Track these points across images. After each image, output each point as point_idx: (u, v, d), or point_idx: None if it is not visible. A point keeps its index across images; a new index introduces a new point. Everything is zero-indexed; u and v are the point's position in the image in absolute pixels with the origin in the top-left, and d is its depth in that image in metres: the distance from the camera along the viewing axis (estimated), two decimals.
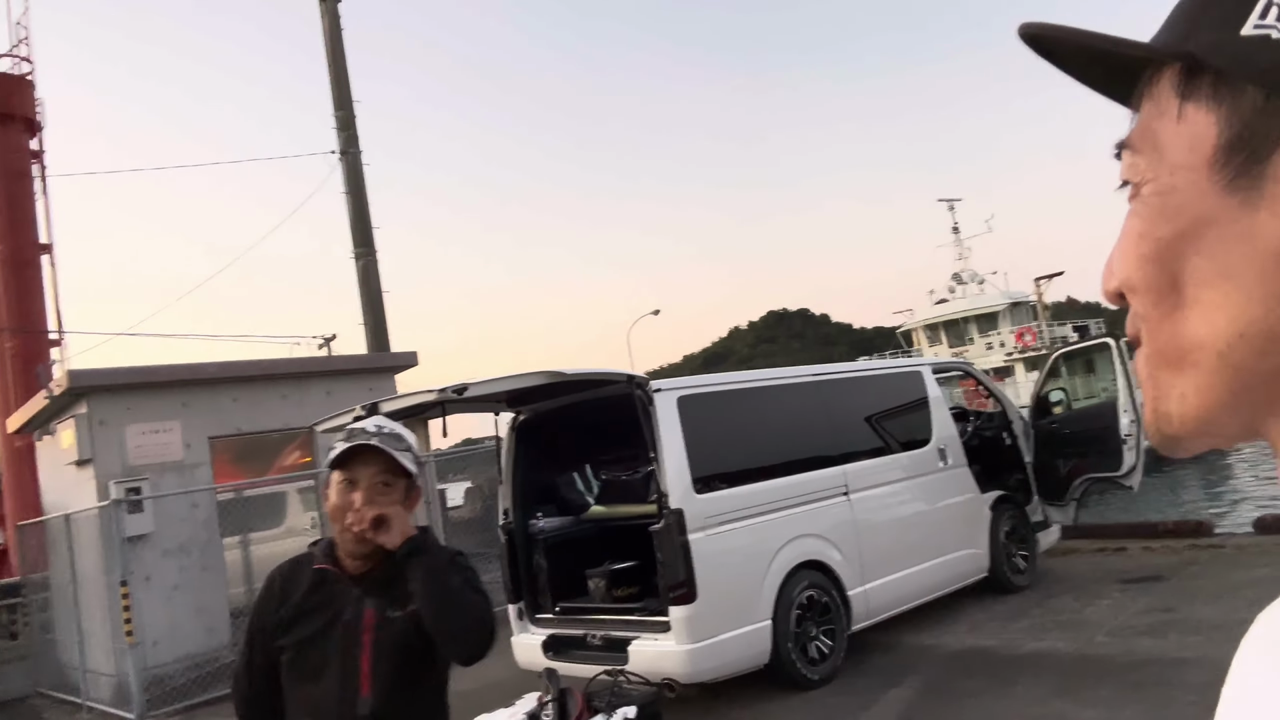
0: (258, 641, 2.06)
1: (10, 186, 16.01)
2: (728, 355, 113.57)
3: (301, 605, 2.00)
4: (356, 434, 1.99)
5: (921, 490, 7.11)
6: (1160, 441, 0.47)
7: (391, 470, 1.97)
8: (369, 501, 1.94)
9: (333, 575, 2.02)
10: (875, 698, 5.61)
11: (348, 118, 13.66)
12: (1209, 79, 0.42)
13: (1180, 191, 0.43)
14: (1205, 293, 0.42)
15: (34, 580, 11.09)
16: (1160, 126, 0.44)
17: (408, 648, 1.96)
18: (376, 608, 1.97)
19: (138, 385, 9.19)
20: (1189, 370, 0.44)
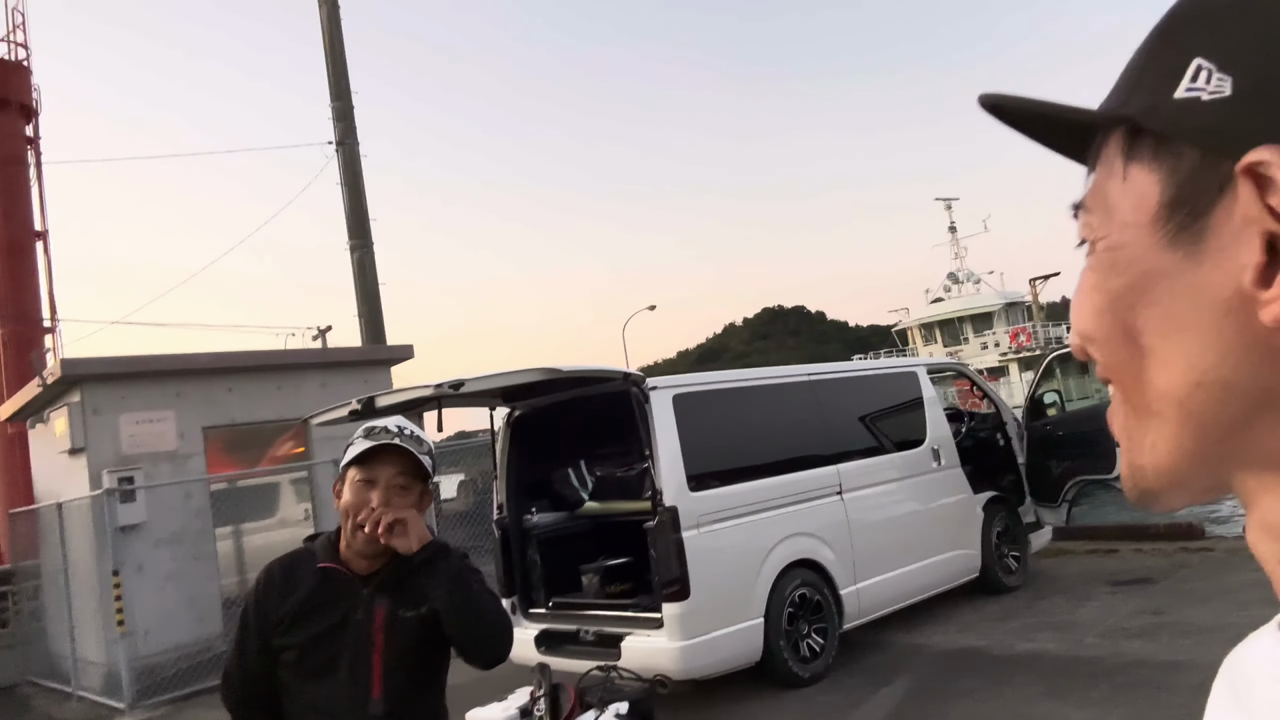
0: (253, 639, 2.01)
1: (5, 172, 15.94)
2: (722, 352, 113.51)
3: (305, 604, 1.96)
4: (379, 433, 1.96)
5: (915, 490, 7.13)
6: (1138, 496, 0.47)
7: (411, 472, 1.96)
8: (386, 502, 1.91)
9: (338, 574, 1.98)
10: (865, 696, 5.64)
11: (345, 108, 13.61)
12: (1149, 141, 0.44)
13: (1128, 247, 0.45)
14: (1160, 343, 0.44)
15: (25, 568, 11.08)
16: (1110, 186, 0.46)
17: (420, 648, 1.95)
18: (388, 608, 1.94)
19: (132, 374, 9.17)
20: (1154, 420, 0.45)
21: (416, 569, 1.95)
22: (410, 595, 1.96)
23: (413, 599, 1.95)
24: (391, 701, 1.90)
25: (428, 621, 1.95)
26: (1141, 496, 0.47)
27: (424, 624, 1.95)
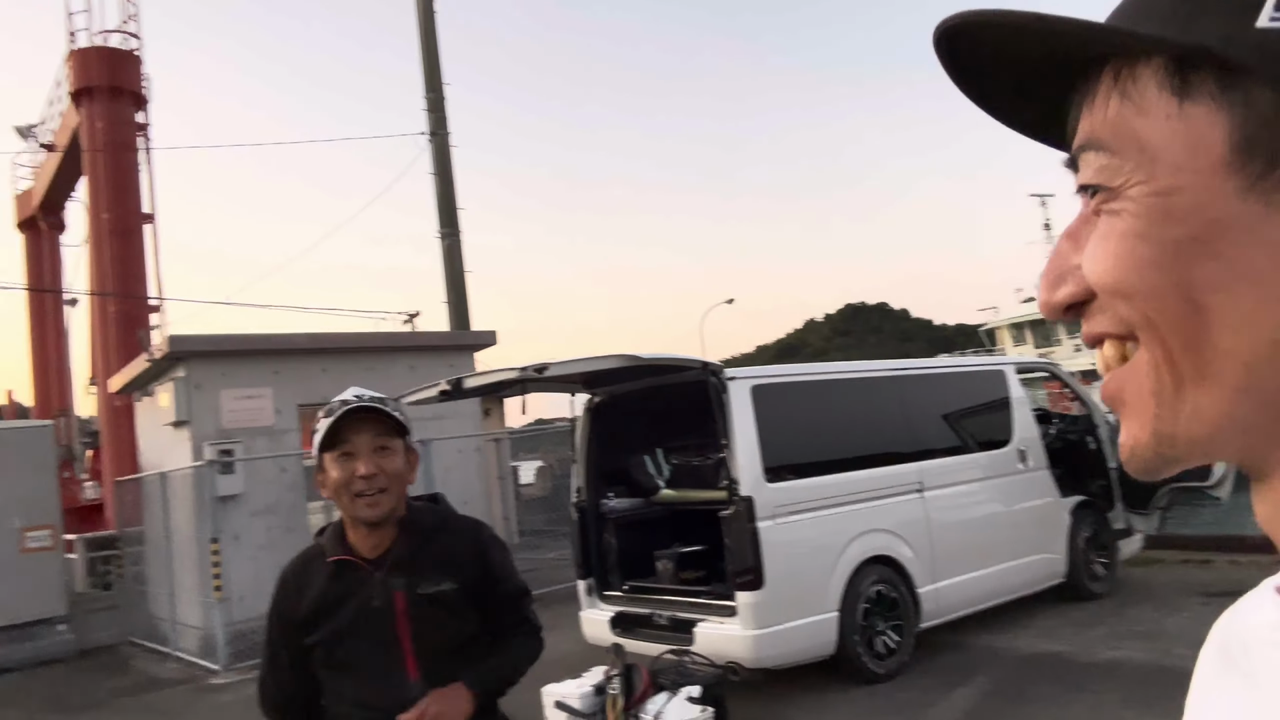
0: (280, 642, 1.99)
1: (117, 158, 16.66)
2: (801, 348, 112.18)
3: (322, 599, 1.92)
4: (338, 406, 1.88)
5: (999, 491, 6.99)
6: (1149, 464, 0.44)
7: (387, 431, 1.89)
8: (373, 467, 1.85)
9: (349, 564, 1.92)
10: (940, 696, 5.58)
11: (438, 100, 13.95)
12: (1211, 74, 0.39)
13: (1187, 193, 0.40)
14: (1226, 299, 0.39)
15: (129, 534, 11.67)
16: (1144, 125, 0.41)
17: (449, 622, 1.91)
18: (405, 589, 1.89)
19: (233, 352, 9.60)
20: (1205, 385, 0.41)
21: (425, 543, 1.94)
22: (425, 572, 1.91)
23: (429, 575, 1.91)
24: (430, 680, 1.87)
25: (453, 595, 1.91)
26: (1156, 465, 0.44)
27: (446, 598, 1.91)
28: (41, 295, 23.18)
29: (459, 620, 1.93)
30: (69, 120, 18.32)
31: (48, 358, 23.72)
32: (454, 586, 1.91)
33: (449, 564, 1.93)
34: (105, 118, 16.54)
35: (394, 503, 1.90)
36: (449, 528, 2.02)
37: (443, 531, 1.99)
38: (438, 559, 1.92)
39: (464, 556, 1.97)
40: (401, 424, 1.92)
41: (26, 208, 23.61)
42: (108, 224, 16.41)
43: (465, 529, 2.05)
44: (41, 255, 23.87)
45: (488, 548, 2.02)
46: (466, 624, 1.94)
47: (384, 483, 1.86)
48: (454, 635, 1.92)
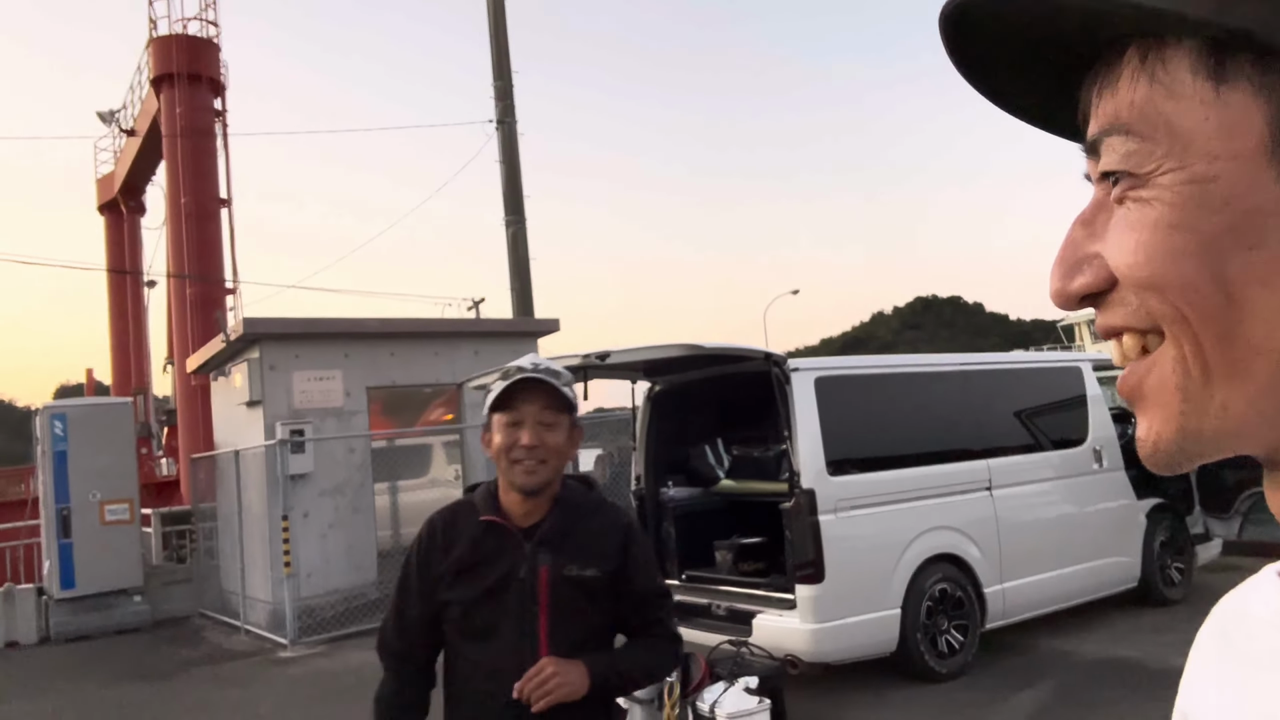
0: (414, 593, 1.97)
1: (195, 143, 17.16)
2: (869, 340, 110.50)
3: (467, 559, 1.91)
4: (514, 372, 1.91)
5: (1071, 491, 6.80)
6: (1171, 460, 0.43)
7: (555, 406, 1.90)
8: (536, 439, 1.87)
9: (500, 528, 1.92)
10: (1004, 697, 5.45)
11: (506, 87, 14.03)
12: (1248, 59, 0.38)
13: (1224, 181, 0.39)
14: (1263, 293, 0.38)
15: (202, 509, 12.04)
16: (1176, 110, 0.40)
17: (588, 608, 1.90)
18: (551, 565, 1.88)
19: (306, 335, 9.82)
20: (1236, 380, 0.39)
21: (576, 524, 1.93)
22: (575, 552, 1.91)
23: (578, 556, 1.90)
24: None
25: (595, 582, 1.90)
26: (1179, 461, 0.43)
27: (590, 584, 1.90)
28: (122, 277, 24.05)
29: (596, 609, 1.91)
30: (149, 106, 18.92)
31: (127, 337, 24.61)
32: (597, 574, 1.90)
33: (595, 550, 1.92)
34: (184, 104, 17.03)
35: (551, 475, 1.91)
36: (600, 514, 2.00)
37: (594, 516, 1.98)
38: (586, 543, 1.92)
39: (610, 546, 1.95)
40: (569, 400, 1.93)
41: (108, 191, 24.48)
42: (186, 208, 16.91)
43: (615, 518, 2.03)
44: (122, 237, 24.74)
45: (632, 541, 1.99)
46: (602, 615, 1.93)
47: (544, 455, 1.88)
48: (589, 623, 1.91)
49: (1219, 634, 0.49)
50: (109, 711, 6.94)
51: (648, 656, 2.00)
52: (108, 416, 10.92)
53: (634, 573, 1.97)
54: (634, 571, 1.97)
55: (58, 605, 10.12)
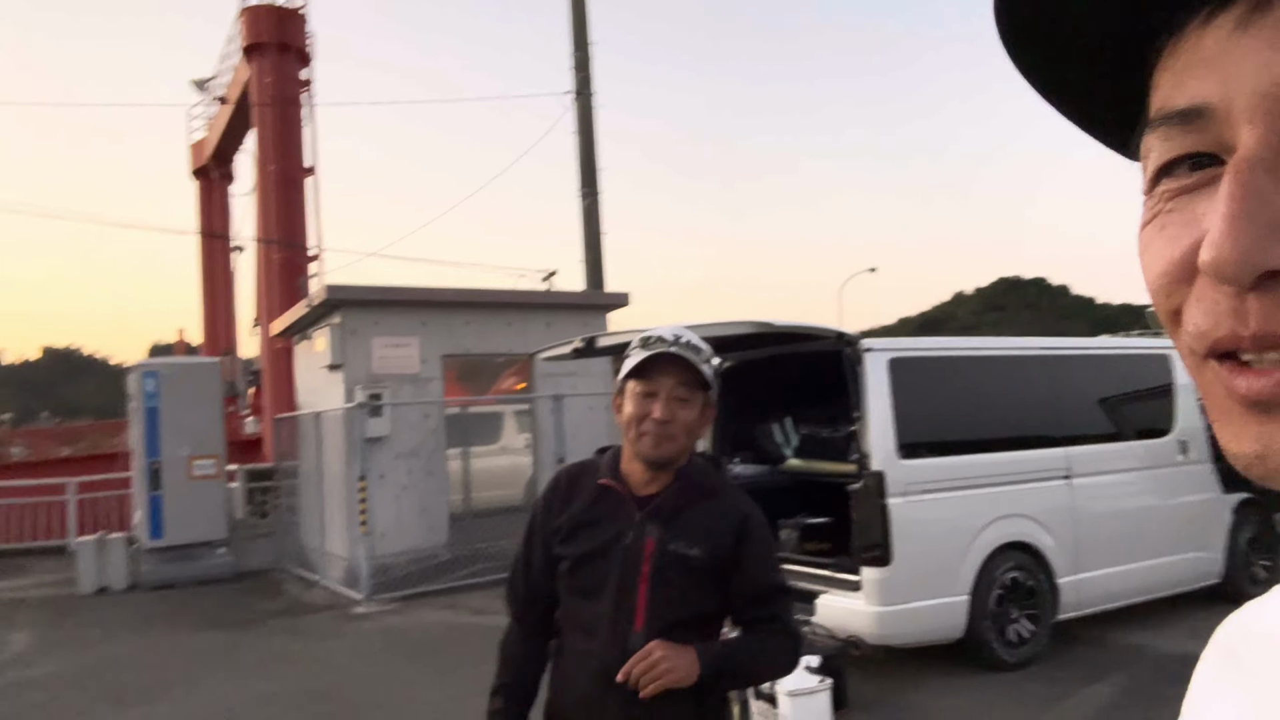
0: (538, 543, 1.99)
1: (283, 112, 17.61)
2: (947, 321, 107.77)
3: (582, 517, 1.92)
4: (655, 342, 1.86)
5: (1154, 483, 6.58)
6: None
7: (692, 383, 1.86)
8: (669, 414, 1.84)
9: (616, 492, 1.91)
10: (1073, 690, 5.34)
11: (584, 59, 14.02)
12: None
13: None
14: None
15: (284, 468, 12.48)
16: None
17: (690, 590, 1.85)
18: (659, 538, 1.85)
19: (385, 302, 10.06)
20: None
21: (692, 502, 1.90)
22: (685, 529, 1.87)
23: (687, 534, 1.86)
24: (653, 637, 1.80)
25: (700, 562, 1.85)
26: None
27: (696, 563, 1.85)
28: (211, 241, 24.91)
29: (698, 591, 1.86)
30: (240, 75, 19.45)
31: (216, 300, 25.52)
32: (702, 554, 1.85)
33: (707, 531, 1.88)
34: (272, 73, 17.47)
35: (677, 451, 1.88)
36: (719, 496, 1.95)
37: (712, 498, 1.93)
38: (697, 523, 1.88)
39: (722, 529, 1.89)
40: (706, 379, 1.89)
41: (200, 157, 25.32)
42: (273, 175, 17.39)
43: (734, 505, 1.95)
44: (212, 203, 25.61)
45: (749, 531, 1.91)
46: (705, 598, 1.87)
47: (674, 431, 1.86)
48: (689, 603, 1.85)
49: (1226, 651, 0.47)
50: (191, 657, 7.30)
51: (765, 653, 1.93)
52: (197, 375, 11.38)
53: (747, 564, 1.90)
54: (747, 562, 1.90)
55: (146, 554, 10.65)
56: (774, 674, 1.96)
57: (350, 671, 6.63)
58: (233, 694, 6.15)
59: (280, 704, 5.89)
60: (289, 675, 6.60)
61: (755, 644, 1.92)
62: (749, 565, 1.90)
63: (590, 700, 1.85)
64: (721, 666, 1.83)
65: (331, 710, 5.71)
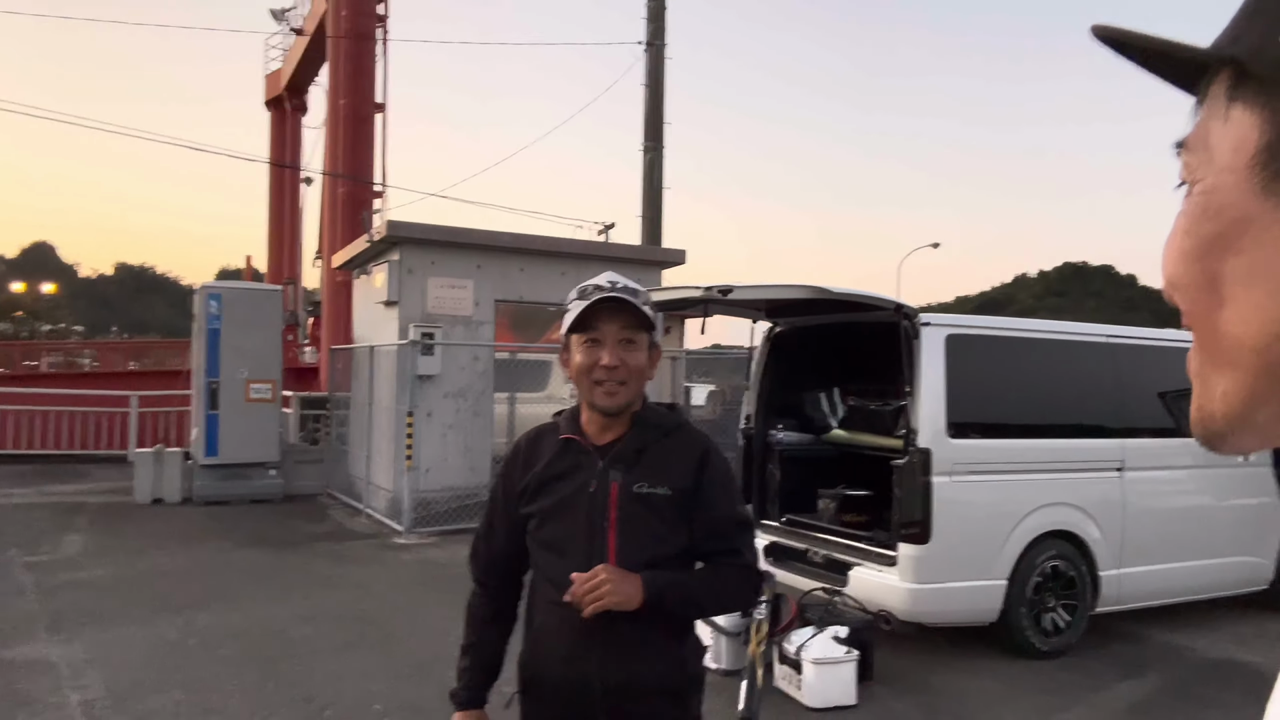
0: (500, 509, 2.03)
1: (356, 46, 17.66)
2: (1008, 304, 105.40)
3: (545, 473, 1.94)
4: (591, 291, 1.87)
5: (1210, 482, 6.39)
6: (1205, 439, 0.48)
7: (635, 325, 1.88)
8: (616, 359, 1.86)
9: (578, 445, 1.94)
10: (1107, 684, 5.26)
11: (658, 8, 13.80)
12: (1254, 83, 0.43)
13: (1222, 191, 0.44)
14: (1241, 292, 0.43)
15: (337, 398, 12.76)
16: (1213, 127, 0.45)
17: (658, 528, 1.88)
18: (622, 482, 1.88)
19: (443, 243, 10.12)
20: (1228, 369, 0.45)
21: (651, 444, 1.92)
22: (647, 469, 1.89)
23: (650, 474, 1.89)
24: None
25: (666, 500, 1.88)
26: (1209, 439, 0.48)
27: (662, 502, 1.88)
28: (282, 171, 25.28)
29: (666, 528, 1.88)
30: (318, 6, 19.54)
31: (283, 229, 25.99)
32: (667, 492, 1.88)
33: (668, 470, 1.90)
34: (349, 6, 17.50)
35: (631, 396, 1.91)
36: (677, 435, 1.97)
37: (670, 438, 1.96)
38: (659, 462, 1.91)
39: (682, 466, 1.92)
40: (649, 319, 1.91)
41: (275, 87, 25.63)
42: (344, 109, 17.52)
43: (692, 441, 1.98)
44: (284, 134, 25.94)
45: (708, 464, 1.94)
46: (672, 535, 1.89)
47: (624, 375, 1.88)
48: (658, 542, 1.88)
49: None
50: (239, 572, 7.55)
51: (717, 583, 1.93)
52: (259, 301, 11.63)
53: (706, 495, 1.92)
54: (708, 494, 1.92)
55: (201, 470, 11.00)
56: (728, 606, 1.96)
57: (386, 599, 6.81)
58: (274, 610, 6.37)
59: (316, 624, 6.07)
60: (328, 597, 6.80)
61: (708, 574, 1.93)
62: (707, 497, 1.92)
63: (569, 652, 1.88)
64: (666, 591, 1.84)
65: (366, 633, 5.88)
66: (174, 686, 4.88)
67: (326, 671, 5.17)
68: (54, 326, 41.46)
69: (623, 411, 1.92)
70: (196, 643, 5.62)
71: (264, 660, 5.34)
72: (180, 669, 5.15)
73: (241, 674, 5.10)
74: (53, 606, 6.34)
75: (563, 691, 1.89)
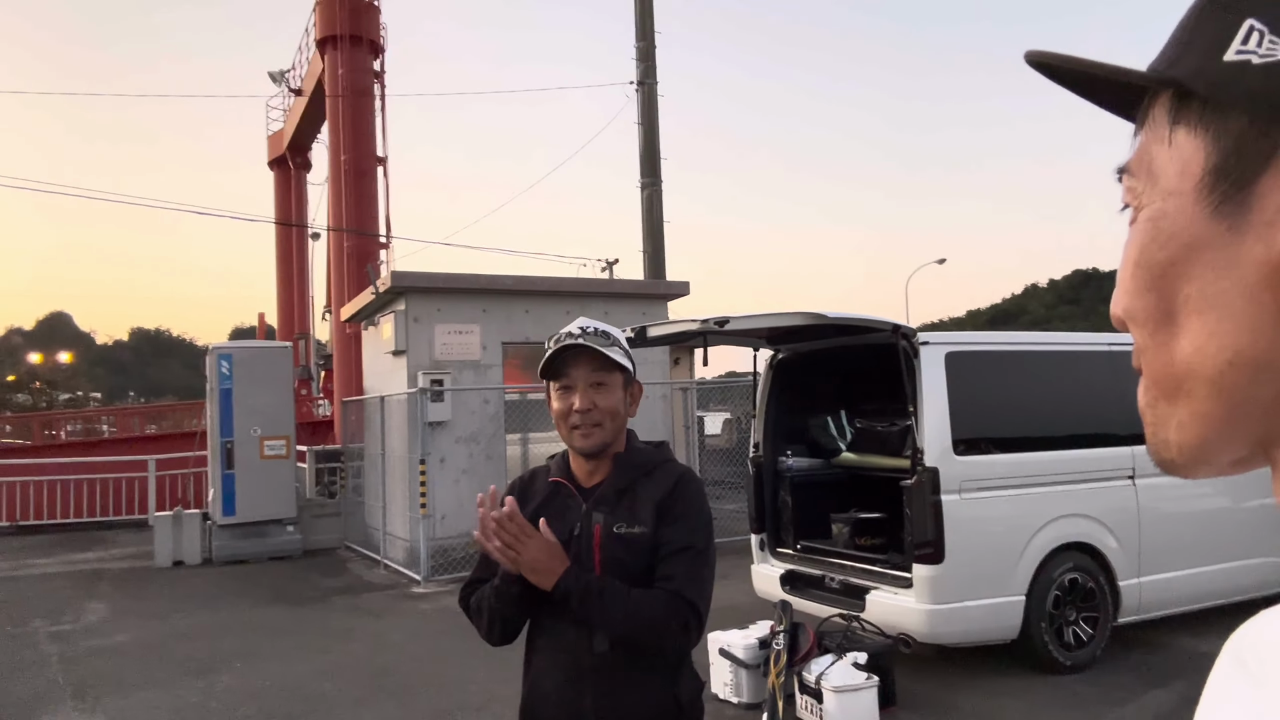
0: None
1: (355, 103, 17.96)
2: (1019, 315, 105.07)
3: (535, 516, 1.95)
4: (563, 338, 1.93)
5: (1226, 485, 6.32)
6: (1161, 466, 0.47)
7: (605, 366, 1.92)
8: (588, 402, 1.91)
9: (565, 488, 1.99)
10: (1132, 695, 5.20)
11: (648, 49, 14.02)
12: (1197, 104, 0.42)
13: (1171, 217, 0.43)
14: (1195, 320, 0.42)
15: (351, 449, 12.82)
16: (1156, 151, 0.45)
17: (640, 572, 1.88)
18: (604, 523, 1.91)
19: (448, 290, 10.23)
20: (1183, 399, 0.44)
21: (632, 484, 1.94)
22: (627, 510, 1.93)
23: (629, 515, 1.92)
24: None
25: (638, 539, 1.90)
26: (1164, 466, 0.47)
27: (638, 541, 1.90)
28: (288, 229, 25.61)
29: (644, 567, 1.89)
30: (315, 67, 19.91)
31: (292, 286, 26.27)
32: (645, 531, 1.90)
33: (646, 508, 1.92)
34: (346, 65, 17.84)
35: (607, 437, 1.94)
36: (657, 473, 1.98)
37: (650, 476, 1.97)
38: (638, 502, 1.93)
39: (657, 502, 1.93)
40: (617, 362, 1.93)
41: (278, 147, 26.03)
42: (345, 165, 17.78)
43: (668, 476, 1.98)
44: (290, 192, 26.32)
45: (678, 497, 1.94)
46: (651, 574, 1.90)
47: (598, 417, 1.91)
48: (638, 581, 1.88)
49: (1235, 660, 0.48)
50: (257, 630, 7.57)
51: (642, 603, 1.84)
52: (269, 359, 11.75)
53: (666, 522, 1.91)
54: (666, 521, 1.91)
55: (219, 530, 11.06)
56: (645, 631, 1.85)
57: (406, 650, 6.80)
58: (294, 667, 6.37)
59: (338, 679, 6.08)
60: (348, 651, 6.80)
61: (637, 592, 1.86)
62: (666, 524, 1.92)
63: (564, 694, 1.90)
64: (574, 589, 1.81)
65: (387, 685, 5.88)
66: None
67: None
68: (72, 395, 41.85)
69: (601, 452, 1.96)
70: (218, 705, 5.63)
71: (284, 718, 5.34)
72: None
73: None
74: (76, 675, 6.37)
75: None
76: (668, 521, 1.92)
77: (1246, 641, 0.48)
